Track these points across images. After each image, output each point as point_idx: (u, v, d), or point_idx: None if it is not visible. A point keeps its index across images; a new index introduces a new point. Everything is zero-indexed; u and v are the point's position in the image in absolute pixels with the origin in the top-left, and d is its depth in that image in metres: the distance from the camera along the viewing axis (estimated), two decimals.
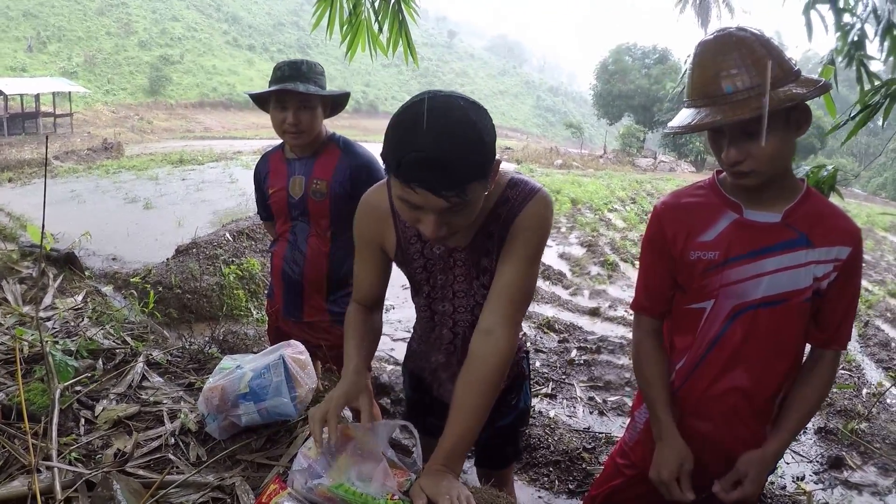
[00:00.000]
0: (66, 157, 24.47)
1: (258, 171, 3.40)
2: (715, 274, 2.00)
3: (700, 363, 2.11)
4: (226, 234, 8.84)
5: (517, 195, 1.90)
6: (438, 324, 2.24)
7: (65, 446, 2.15)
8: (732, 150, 1.81)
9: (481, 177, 1.62)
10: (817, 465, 4.88)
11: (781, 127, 1.77)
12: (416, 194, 1.58)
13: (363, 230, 2.10)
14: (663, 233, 2.10)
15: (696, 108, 1.82)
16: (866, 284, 11.76)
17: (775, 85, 1.71)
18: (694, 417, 2.16)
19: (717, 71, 1.76)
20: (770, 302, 1.95)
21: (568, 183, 22.12)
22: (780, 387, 2.06)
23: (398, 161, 1.56)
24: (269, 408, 2.19)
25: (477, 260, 2.01)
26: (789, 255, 1.91)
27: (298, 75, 3.01)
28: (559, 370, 6.26)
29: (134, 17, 74.84)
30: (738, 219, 1.97)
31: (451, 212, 1.63)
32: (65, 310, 3.56)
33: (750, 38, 1.76)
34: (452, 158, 1.53)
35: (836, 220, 1.93)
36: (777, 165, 1.84)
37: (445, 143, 1.53)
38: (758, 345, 2.01)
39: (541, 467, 4.29)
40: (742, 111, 1.70)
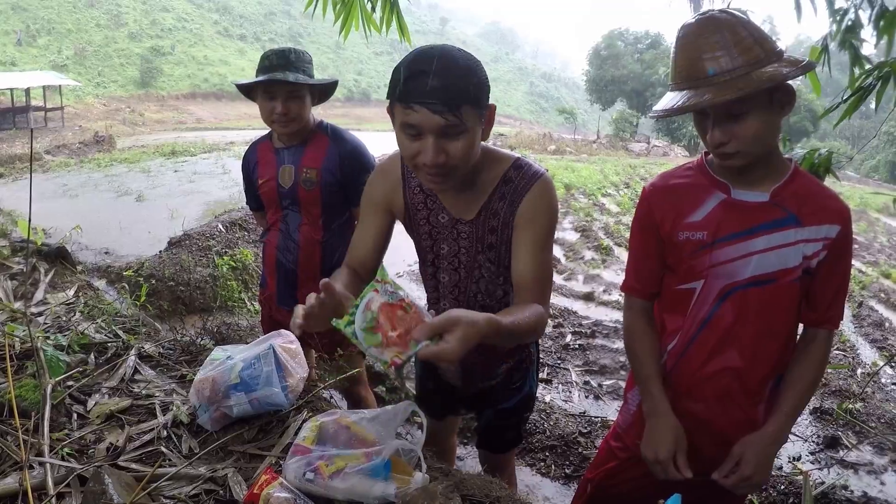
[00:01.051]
0: (57, 151, 24.36)
1: (246, 160, 3.39)
2: (704, 254, 2.00)
3: (691, 344, 2.12)
4: (218, 225, 8.81)
5: (521, 177, 1.99)
6: (443, 295, 2.27)
7: (57, 442, 2.14)
8: (717, 131, 1.82)
9: (475, 103, 1.76)
10: (813, 444, 4.91)
11: (765, 107, 1.78)
12: (415, 113, 1.71)
13: (373, 192, 2.20)
14: (652, 214, 2.11)
15: (681, 91, 1.83)
16: (860, 265, 11.84)
17: (758, 65, 1.73)
18: (686, 398, 2.17)
19: (700, 53, 1.78)
20: (759, 281, 1.96)
21: (561, 168, 22.13)
22: (772, 367, 2.07)
23: (403, 85, 1.72)
24: (261, 398, 2.19)
25: (481, 234, 2.07)
26: (778, 234, 1.92)
27: (287, 64, 2.99)
28: (554, 355, 6.27)
29: (124, 8, 74.38)
30: (726, 199, 1.98)
31: (448, 135, 1.74)
32: (56, 305, 3.54)
33: (731, 20, 1.77)
34: (448, 78, 1.69)
35: (825, 199, 1.94)
36: (762, 145, 1.84)
37: (442, 66, 1.69)
38: (748, 324, 2.01)
39: (537, 452, 4.31)
40: (725, 92, 1.71)
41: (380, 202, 2.18)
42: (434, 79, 1.68)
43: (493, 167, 2.01)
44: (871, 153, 53.30)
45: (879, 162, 52.95)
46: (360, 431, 1.86)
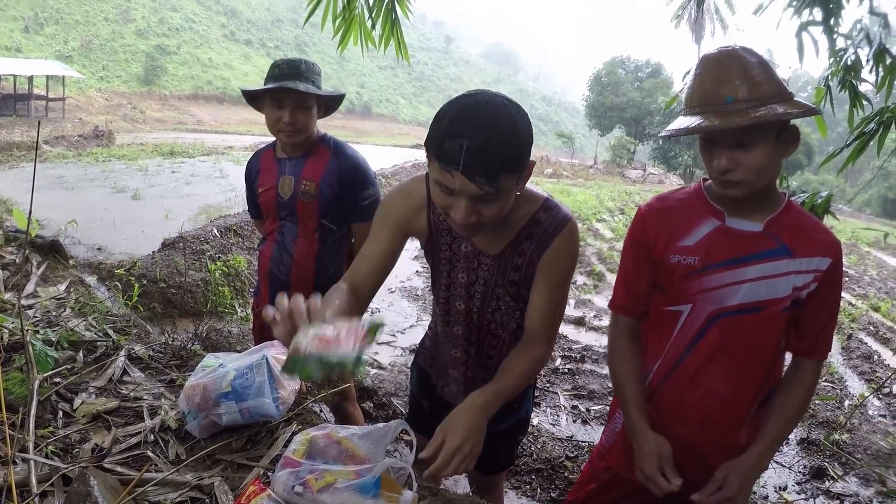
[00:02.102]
0: (56, 142, 24.32)
1: (249, 168, 3.38)
2: (694, 279, 2.03)
3: (677, 366, 2.14)
4: (213, 229, 8.77)
5: (549, 220, 2.01)
6: (455, 320, 2.26)
7: (42, 439, 2.12)
8: (724, 158, 1.85)
9: (514, 171, 1.73)
10: (799, 475, 4.91)
11: (772, 142, 1.82)
12: (452, 178, 1.68)
13: (392, 212, 2.13)
14: (646, 234, 2.14)
15: (695, 115, 1.87)
16: (850, 298, 11.89)
17: (770, 101, 1.77)
18: (669, 420, 2.18)
19: (720, 82, 1.82)
20: (748, 309, 1.98)
21: (557, 192, 22.18)
22: (756, 394, 2.09)
23: (440, 144, 1.68)
24: (251, 408, 2.17)
25: (504, 270, 2.09)
26: (769, 264, 1.95)
27: (297, 74, 2.98)
28: (543, 378, 6.25)
29: (133, 4, 74.59)
30: (720, 226, 2.01)
31: (483, 200, 1.73)
32: (47, 299, 3.52)
33: (752, 57, 1.84)
34: (489, 148, 1.64)
35: (817, 233, 1.98)
36: (764, 178, 1.88)
37: (484, 133, 1.64)
38: (734, 351, 2.03)
39: (524, 475, 4.28)
40: (738, 118, 1.75)
41: (397, 222, 2.11)
42: (475, 146, 1.63)
43: (524, 206, 2.01)
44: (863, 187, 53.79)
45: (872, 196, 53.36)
46: (350, 447, 1.84)
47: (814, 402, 6.27)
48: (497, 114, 1.69)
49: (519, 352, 2.03)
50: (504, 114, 1.69)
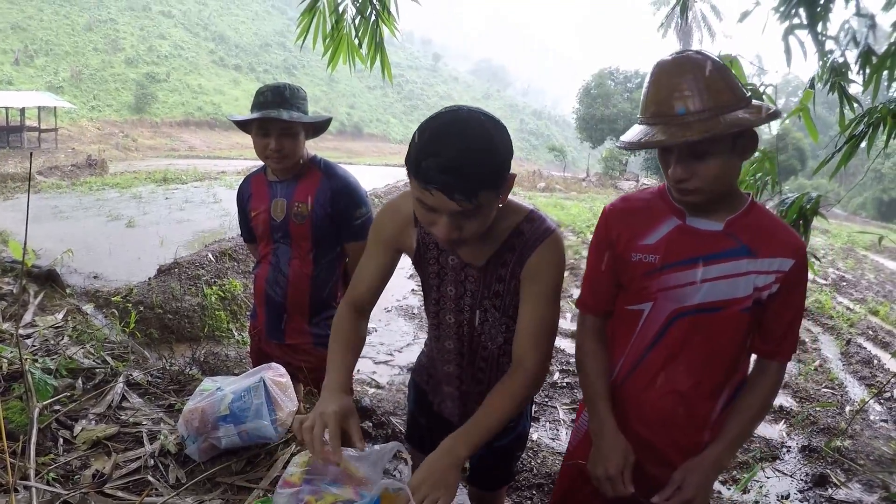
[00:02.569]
0: (49, 172, 24.32)
1: (241, 192, 3.40)
2: (654, 277, 2.04)
3: (639, 364, 2.15)
4: (208, 254, 8.79)
5: (532, 231, 2.01)
6: (446, 335, 2.28)
7: (43, 466, 2.13)
8: (679, 168, 1.87)
9: (493, 187, 1.74)
10: (801, 483, 4.90)
11: (727, 150, 1.83)
12: (431, 196, 1.70)
13: (382, 229, 2.18)
14: (608, 233, 2.16)
15: (649, 126, 1.87)
16: (848, 303, 11.89)
17: (725, 110, 1.77)
18: (632, 418, 2.19)
19: (671, 91, 1.82)
20: (708, 308, 1.99)
21: (551, 206, 22.22)
22: (716, 395, 2.09)
23: (418, 164, 1.69)
24: (250, 430, 2.18)
25: (489, 281, 2.09)
26: (729, 263, 1.95)
27: (281, 101, 3.00)
28: (542, 393, 6.25)
29: (121, 33, 74.69)
30: (681, 224, 2.02)
31: (464, 216, 1.75)
32: (45, 327, 3.53)
33: (705, 63, 1.82)
34: (466, 166, 1.65)
35: (780, 233, 1.98)
36: (721, 185, 1.89)
37: (461, 151, 1.66)
38: (695, 350, 2.04)
39: (524, 490, 4.28)
40: (690, 133, 1.75)
41: (388, 240, 2.18)
42: (452, 164, 1.65)
43: (508, 217, 2.03)
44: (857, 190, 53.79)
45: (866, 199, 53.40)
46: (348, 468, 1.85)
47: (814, 408, 6.27)
48: (473, 130, 1.70)
49: (500, 386, 1.98)
50: (480, 130, 1.71)
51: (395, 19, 3.62)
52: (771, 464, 5.12)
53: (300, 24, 3.55)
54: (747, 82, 3.29)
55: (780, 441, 5.50)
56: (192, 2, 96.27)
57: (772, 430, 5.75)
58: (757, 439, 5.45)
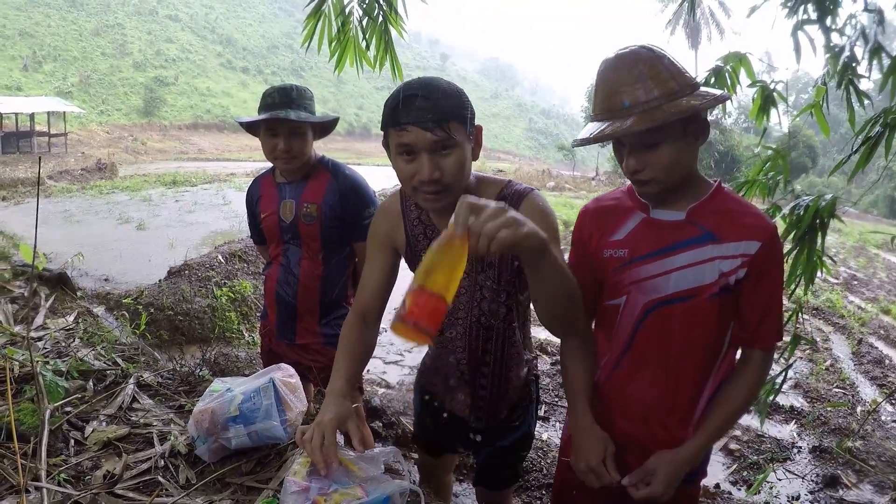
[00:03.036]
0: (59, 176, 24.45)
1: (250, 194, 3.41)
2: (624, 271, 2.06)
3: (620, 360, 2.16)
4: (218, 256, 8.82)
5: (511, 194, 2.08)
6: (448, 324, 2.30)
7: (54, 467, 2.14)
8: (631, 159, 1.89)
9: (462, 120, 1.90)
10: (812, 484, 4.86)
11: (678, 137, 1.84)
12: (407, 133, 1.86)
13: (377, 230, 2.29)
14: (581, 233, 2.19)
15: (599, 122, 1.90)
16: (859, 302, 11.79)
17: (672, 97, 1.79)
18: (615, 415, 2.19)
19: (617, 86, 1.84)
20: (679, 298, 1.99)
21: (560, 205, 22.16)
22: (697, 387, 2.08)
23: (391, 112, 1.90)
24: (259, 431, 2.18)
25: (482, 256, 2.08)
26: (694, 251, 1.95)
27: (289, 102, 3.02)
28: (552, 393, 6.24)
29: (129, 38, 75.07)
30: (646, 218, 2.04)
31: (441, 152, 1.88)
32: (56, 330, 3.54)
33: (649, 55, 1.84)
34: (434, 98, 1.85)
35: (744, 217, 1.96)
36: (676, 173, 1.90)
37: (428, 90, 1.87)
38: (671, 341, 2.03)
39: (533, 490, 4.27)
40: (636, 123, 1.77)
41: (383, 240, 2.26)
42: (421, 100, 1.84)
43: (488, 191, 2.10)
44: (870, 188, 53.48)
45: (878, 197, 53.07)
46: (352, 467, 1.85)
47: (825, 408, 6.24)
48: (435, 79, 1.93)
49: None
50: (442, 80, 1.93)
51: (402, 20, 3.62)
52: (782, 464, 5.09)
53: (306, 27, 3.56)
54: (757, 80, 3.28)
55: (791, 441, 5.47)
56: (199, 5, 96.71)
57: (783, 430, 5.72)
58: (768, 440, 5.42)
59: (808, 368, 7.58)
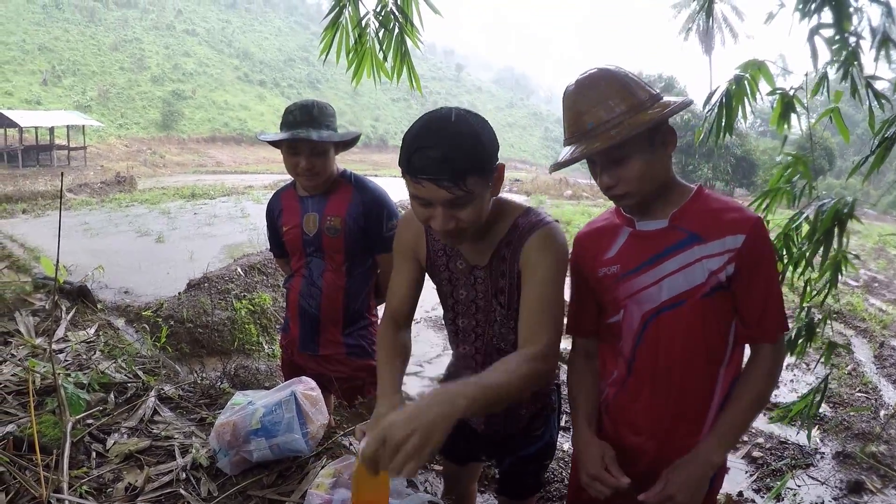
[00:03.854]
0: (79, 189, 24.68)
1: (271, 208, 3.41)
2: (619, 285, 2.07)
3: (627, 375, 2.16)
4: (237, 268, 8.85)
5: (527, 223, 2.04)
6: (462, 340, 2.31)
7: (76, 479, 2.14)
8: (604, 176, 1.92)
9: (480, 172, 1.81)
10: (836, 490, 4.80)
11: (645, 149, 1.86)
12: (422, 188, 1.78)
13: (401, 241, 2.27)
14: (576, 257, 2.22)
15: (571, 145, 1.94)
16: (880, 304, 11.63)
17: (632, 112, 1.82)
18: (625, 431, 2.19)
19: (580, 109, 1.88)
20: (673, 304, 1.99)
21: (578, 213, 22.18)
22: (705, 392, 2.07)
23: (408, 160, 1.79)
24: (281, 444, 2.18)
25: (494, 279, 2.12)
26: (681, 255, 1.96)
27: (310, 120, 3.00)
28: None
29: (147, 52, 75.77)
30: (633, 231, 2.06)
31: (456, 205, 1.81)
32: (77, 342, 3.56)
33: (607, 76, 1.88)
34: (451, 152, 1.74)
35: (725, 213, 1.96)
36: (649, 184, 1.91)
37: (445, 140, 1.75)
38: (672, 348, 2.03)
39: (555, 501, 4.25)
40: (598, 143, 1.81)
41: (407, 250, 2.25)
42: (438, 153, 1.74)
43: (505, 216, 2.08)
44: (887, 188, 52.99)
45: None
46: None
47: (848, 413, 6.18)
48: (457, 122, 1.80)
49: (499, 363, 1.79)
50: (464, 122, 1.80)
51: (418, 31, 3.62)
52: (805, 470, 5.04)
53: (323, 40, 3.56)
54: (775, 86, 3.26)
55: (814, 447, 5.42)
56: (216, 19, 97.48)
57: (804, 436, 5.67)
58: (791, 446, 5.37)
59: (830, 373, 7.51)
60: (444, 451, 2.80)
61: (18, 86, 57.35)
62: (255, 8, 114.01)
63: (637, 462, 2.13)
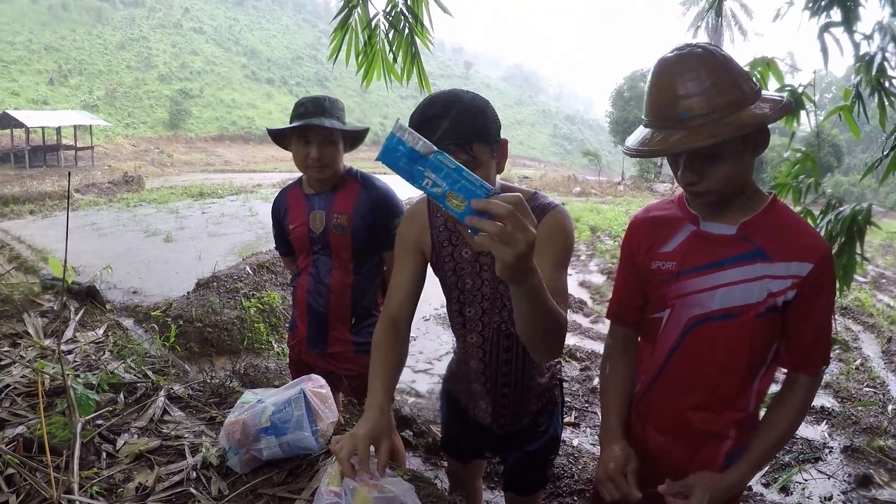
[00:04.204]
0: (87, 189, 24.72)
1: (276, 206, 3.42)
2: (671, 284, 2.00)
3: (660, 375, 2.11)
4: (246, 267, 8.87)
5: (536, 207, 2.05)
6: (469, 329, 2.31)
7: (86, 480, 2.15)
8: (688, 171, 1.82)
9: (485, 140, 1.89)
10: (844, 483, 4.79)
11: (738, 149, 1.76)
12: None
13: (404, 236, 2.29)
14: (631, 243, 2.16)
15: (653, 129, 1.81)
16: (888, 300, 11.59)
17: (733, 109, 1.68)
18: (652, 431, 2.17)
19: (675, 94, 1.73)
20: (724, 315, 1.93)
21: (587, 210, 22.12)
22: (735, 406, 2.02)
23: (416, 128, 1.81)
24: (291, 442, 2.18)
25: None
26: (743, 268, 1.88)
27: (322, 111, 3.03)
28: (581, 398, 6.21)
29: (154, 51, 75.91)
30: (696, 230, 1.97)
31: None
32: (86, 343, 3.57)
33: (710, 59, 1.72)
34: (456, 119, 1.83)
35: (799, 236, 1.88)
36: (732, 185, 1.83)
37: (450, 110, 1.84)
38: (712, 359, 1.98)
39: (565, 497, 4.25)
40: (696, 139, 1.68)
41: (411, 245, 2.26)
42: (444, 121, 1.81)
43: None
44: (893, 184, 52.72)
45: None
46: None
47: (856, 407, 6.16)
48: (460, 96, 1.89)
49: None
50: (467, 96, 1.90)
51: (428, 32, 3.61)
52: (813, 465, 5.03)
53: (333, 41, 3.56)
54: (785, 84, 3.25)
55: (822, 442, 5.41)
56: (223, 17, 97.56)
57: (813, 430, 5.64)
58: (799, 440, 5.35)
59: (838, 368, 7.48)
60: (448, 449, 2.81)
61: (25, 86, 57.47)
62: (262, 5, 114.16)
63: (661, 466, 2.11)
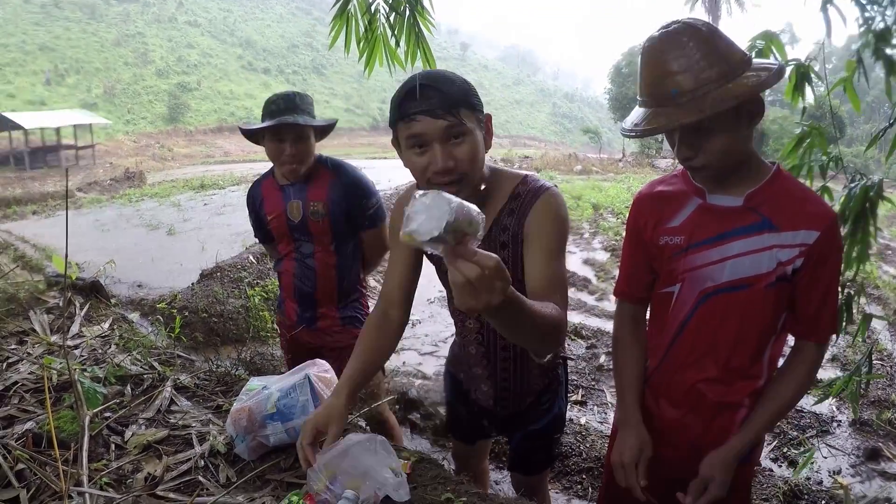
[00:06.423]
0: (88, 188, 24.75)
1: (251, 197, 3.57)
2: (680, 258, 2.01)
3: (671, 347, 2.12)
4: (249, 256, 8.88)
5: (528, 191, 2.03)
6: (466, 315, 2.31)
7: (95, 472, 2.16)
8: (683, 146, 1.82)
9: (471, 107, 1.87)
10: (853, 457, 4.80)
11: (732, 121, 1.76)
12: (417, 123, 1.82)
13: (396, 224, 2.27)
14: (637, 219, 2.16)
15: (646, 109, 1.81)
16: (893, 271, 11.55)
17: (722, 81, 1.68)
18: (664, 404, 2.18)
19: (663, 72, 1.74)
20: (734, 286, 1.94)
21: (588, 188, 22.05)
22: (747, 375, 2.04)
23: (399, 107, 1.87)
24: (297, 427, 2.19)
25: (494, 251, 2.06)
26: (751, 238, 1.89)
27: (294, 108, 3.14)
28: (588, 377, 6.22)
29: (150, 46, 75.66)
30: (702, 203, 1.98)
31: (453, 140, 1.84)
32: (92, 337, 3.58)
33: (696, 34, 1.72)
34: (440, 86, 1.82)
35: (805, 204, 1.88)
36: (730, 158, 1.83)
37: (432, 79, 1.84)
38: (724, 330, 1.99)
39: (573, 475, 4.27)
40: (684, 115, 1.68)
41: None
42: (428, 89, 1.81)
43: (503, 185, 2.07)
44: None
45: None
46: None
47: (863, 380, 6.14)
48: (439, 69, 1.95)
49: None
50: (445, 70, 1.92)
51: (429, 14, 3.59)
52: (822, 439, 5.04)
53: (332, 29, 3.54)
54: (787, 59, 3.23)
55: (830, 415, 5.41)
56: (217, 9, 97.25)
57: (821, 404, 5.65)
58: (807, 414, 5.36)
59: (845, 341, 7.48)
60: (453, 431, 2.82)
61: (21, 87, 57.25)
62: None
63: (677, 439, 2.14)
